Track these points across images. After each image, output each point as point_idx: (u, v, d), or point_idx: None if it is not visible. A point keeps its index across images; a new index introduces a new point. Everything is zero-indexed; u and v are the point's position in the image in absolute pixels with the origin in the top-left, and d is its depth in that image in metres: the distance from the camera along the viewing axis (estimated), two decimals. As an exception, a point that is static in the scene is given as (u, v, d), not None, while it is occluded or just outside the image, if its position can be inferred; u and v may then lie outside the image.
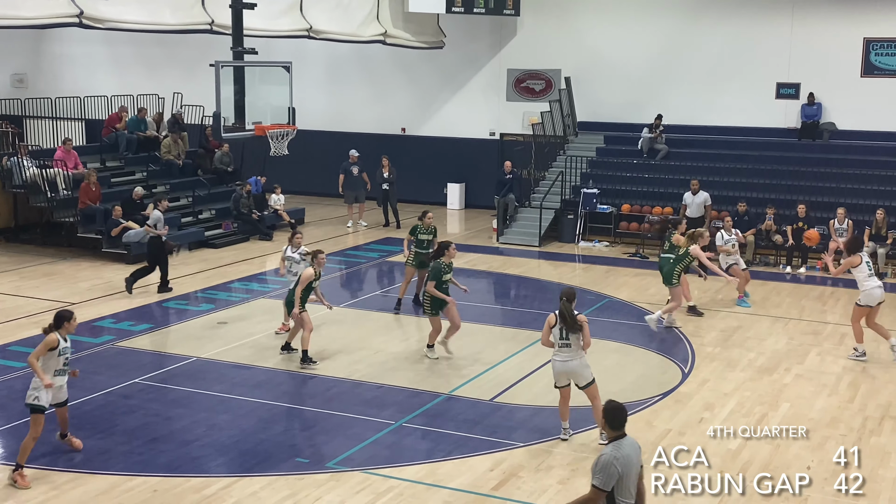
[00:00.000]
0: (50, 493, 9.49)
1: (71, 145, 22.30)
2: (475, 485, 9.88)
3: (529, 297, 18.42)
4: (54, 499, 9.41)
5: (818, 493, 9.80)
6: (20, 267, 19.50)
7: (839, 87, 23.86)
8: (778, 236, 20.66)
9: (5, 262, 19.85)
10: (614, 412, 7.01)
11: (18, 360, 13.59)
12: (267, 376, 13.04)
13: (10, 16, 18.37)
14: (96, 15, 19.49)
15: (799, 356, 14.37)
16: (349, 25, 25.10)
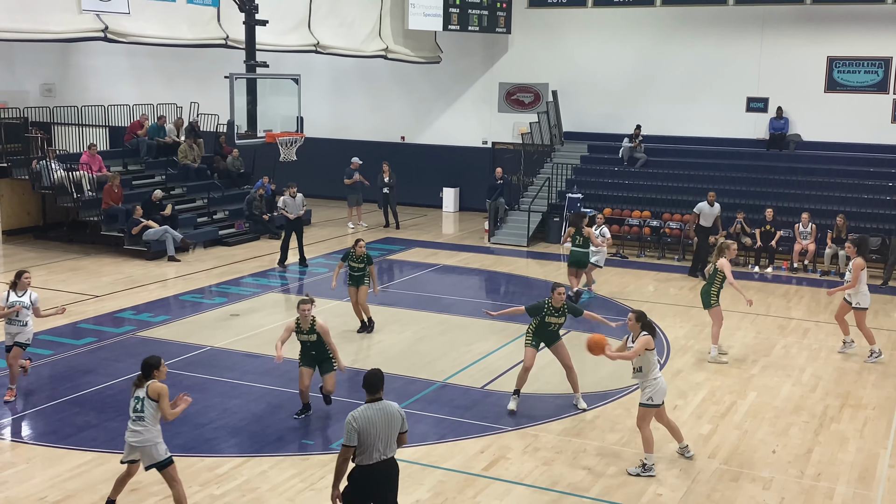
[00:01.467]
0: (74, 472, 9.50)
1: (95, 150, 22.29)
2: (467, 465, 9.91)
3: (518, 293, 18.43)
4: (77, 477, 9.41)
5: (782, 475, 9.84)
6: (48, 262, 19.48)
7: (805, 102, 23.92)
8: (747, 238, 20.72)
9: (34, 258, 19.83)
10: (372, 378, 7.34)
11: (46, 348, 13.60)
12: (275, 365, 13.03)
13: (40, 30, 18.36)
14: (120, 30, 19.49)
15: (766, 349, 14.42)
16: (353, 41, 25.11)
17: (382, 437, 7.18)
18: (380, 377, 7.37)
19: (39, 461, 9.79)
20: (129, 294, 16.98)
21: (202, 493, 9.07)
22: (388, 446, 7.24)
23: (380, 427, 7.17)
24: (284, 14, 22.74)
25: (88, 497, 8.97)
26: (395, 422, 7.27)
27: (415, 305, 16.69)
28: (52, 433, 10.55)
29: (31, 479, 9.37)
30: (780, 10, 23.88)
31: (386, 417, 7.21)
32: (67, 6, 18.40)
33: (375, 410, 7.22)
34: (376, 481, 7.25)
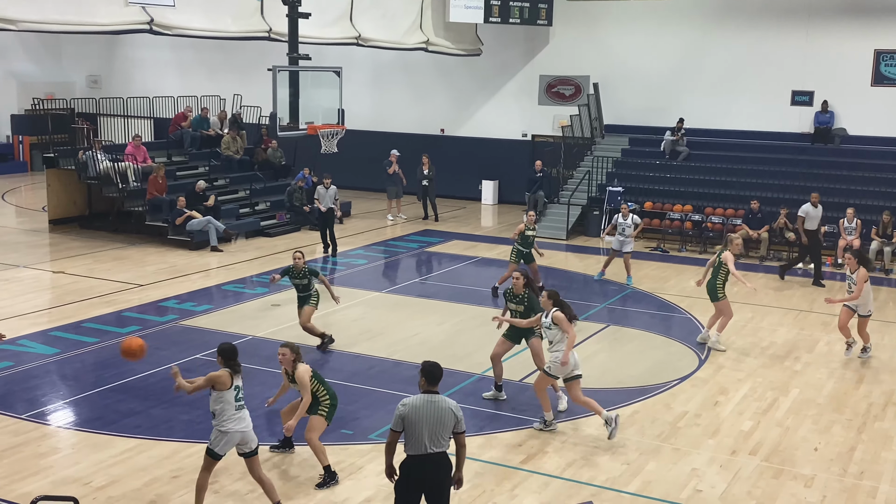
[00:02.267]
0: (118, 458, 9.62)
1: (140, 141, 22.54)
2: (504, 458, 9.89)
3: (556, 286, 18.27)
4: (121, 463, 9.53)
5: (824, 473, 9.71)
6: (93, 251, 19.75)
7: (850, 96, 23.55)
8: (790, 234, 20.45)
9: (80, 247, 20.12)
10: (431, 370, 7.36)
11: (91, 335, 13.80)
12: (315, 355, 13.12)
13: (87, 22, 18.59)
14: (165, 22, 19.68)
15: (808, 345, 14.23)
16: (394, 34, 25.13)
17: (430, 431, 7.15)
18: (440, 370, 7.38)
19: (84, 447, 9.94)
20: (173, 283, 17.16)
21: (244, 481, 9.15)
22: (437, 441, 7.18)
23: (427, 419, 7.15)
24: (327, 7, 22.82)
25: (132, 482, 9.09)
26: (447, 418, 7.20)
27: (453, 298, 16.69)
28: (97, 419, 10.69)
29: (77, 464, 9.51)
30: (827, 2, 23.50)
31: (436, 412, 7.18)
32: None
33: (426, 402, 7.22)
34: (424, 474, 7.23)
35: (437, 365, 7.42)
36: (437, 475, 7.28)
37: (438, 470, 7.26)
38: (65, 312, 15.08)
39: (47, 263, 18.75)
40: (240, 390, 8.24)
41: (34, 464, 9.48)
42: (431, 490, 7.30)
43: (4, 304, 15.49)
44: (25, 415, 10.75)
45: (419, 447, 7.18)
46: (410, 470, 7.24)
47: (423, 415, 7.16)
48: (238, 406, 8.22)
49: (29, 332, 13.92)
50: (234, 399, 8.19)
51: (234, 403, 8.19)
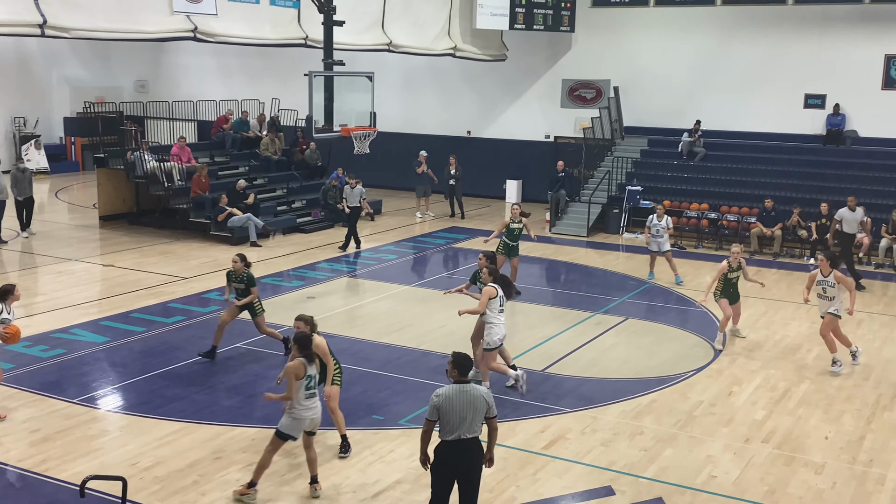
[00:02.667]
0: (164, 440, 9.71)
1: (185, 142, 22.71)
2: (528, 444, 9.89)
3: (577, 281, 18.31)
4: (167, 445, 9.62)
5: (835, 460, 9.63)
6: (140, 246, 19.92)
7: (862, 99, 23.26)
8: (803, 231, 20.26)
9: (128, 242, 20.31)
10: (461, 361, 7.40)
11: (139, 325, 13.93)
12: (348, 344, 13.18)
13: (135, 30, 18.76)
14: (208, 30, 19.82)
15: (819, 339, 14.04)
16: (423, 40, 25.14)
17: (463, 418, 7.20)
18: (470, 361, 7.47)
19: (132, 430, 10.04)
20: (215, 276, 17.27)
21: (281, 462, 9.21)
22: (470, 427, 7.24)
23: (460, 407, 7.21)
24: (360, 15, 22.87)
25: (176, 463, 9.18)
26: (479, 405, 7.27)
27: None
28: (144, 404, 10.80)
29: (125, 445, 9.62)
30: (839, 10, 23.22)
31: (468, 399, 7.24)
32: (160, 8, 18.77)
33: (458, 391, 7.27)
34: (458, 459, 7.27)
35: (467, 356, 7.48)
36: (470, 460, 7.33)
37: (471, 455, 7.31)
38: (114, 303, 15.23)
39: (98, 257, 18.95)
40: (312, 379, 8.34)
41: (85, 445, 9.59)
42: (465, 473, 7.34)
43: (58, 295, 15.68)
44: (77, 399, 10.88)
45: (452, 433, 7.23)
46: (446, 455, 7.29)
47: (456, 404, 7.22)
48: (309, 394, 8.32)
49: (80, 321, 14.08)
50: (305, 388, 8.29)
51: (304, 392, 8.29)
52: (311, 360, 8.36)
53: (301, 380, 8.22)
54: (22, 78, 31.62)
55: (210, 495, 8.56)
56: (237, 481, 8.80)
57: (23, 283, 16.45)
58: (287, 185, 23.58)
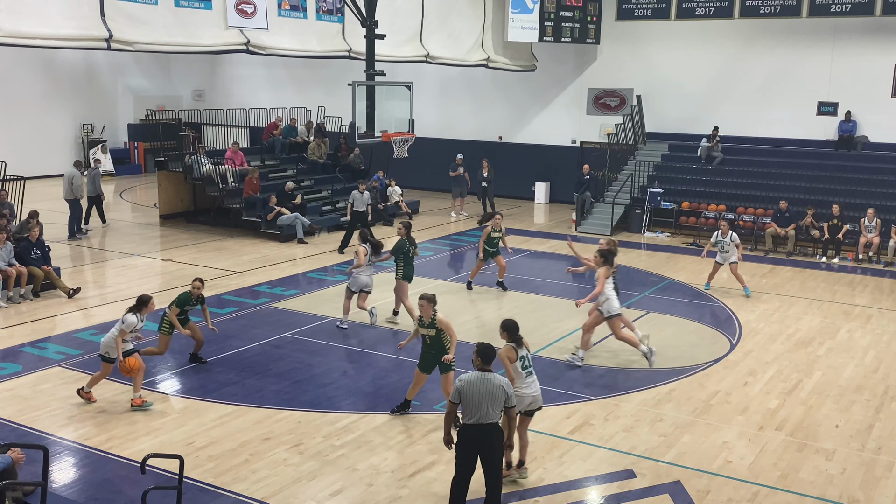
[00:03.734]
0: (217, 422, 9.80)
1: (238, 147, 22.87)
2: (554, 429, 9.85)
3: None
4: (221, 426, 9.71)
5: (844, 448, 9.48)
6: (197, 242, 20.12)
7: (872, 106, 22.84)
8: (816, 231, 19.96)
9: (186, 239, 20.52)
10: (485, 350, 7.48)
11: (196, 315, 13.99)
12: (388, 335, 13.21)
13: (192, 44, 18.93)
14: (260, 44, 19.95)
15: (831, 333, 13.87)
16: (458, 52, 25.11)
17: (481, 404, 7.23)
18: (493, 351, 7.52)
19: (188, 412, 10.15)
20: (265, 271, 17.40)
21: (325, 443, 9.26)
22: (488, 414, 7.26)
23: (480, 394, 7.24)
24: (400, 29, 22.91)
25: (229, 444, 9.26)
26: (497, 394, 7.30)
27: (510, 286, 16.63)
28: (199, 388, 10.90)
29: (182, 426, 9.72)
30: (851, 22, 22.81)
31: (488, 387, 7.28)
32: (216, 23, 18.92)
33: (479, 378, 7.33)
34: (478, 441, 7.32)
35: (490, 346, 7.50)
36: (490, 442, 7.35)
37: (490, 438, 7.34)
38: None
39: (158, 252, 19.17)
40: (525, 359, 8.47)
41: (146, 426, 9.71)
42: (484, 454, 7.37)
43: (122, 287, 15.88)
44: (139, 383, 11.00)
45: (472, 417, 7.27)
46: (467, 436, 7.33)
47: (476, 390, 7.26)
48: (527, 373, 8.47)
49: (142, 311, 14.21)
50: (522, 367, 8.44)
51: (521, 371, 8.43)
52: (519, 342, 8.47)
53: (514, 361, 8.40)
54: (90, 87, 32.09)
55: (259, 473, 8.62)
56: (284, 461, 8.86)
57: (91, 276, 16.72)
58: (332, 187, 23.66)
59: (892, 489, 8.55)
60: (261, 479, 8.49)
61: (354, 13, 20.95)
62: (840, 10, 22.55)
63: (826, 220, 20.00)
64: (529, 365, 8.50)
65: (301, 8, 20.92)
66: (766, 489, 8.48)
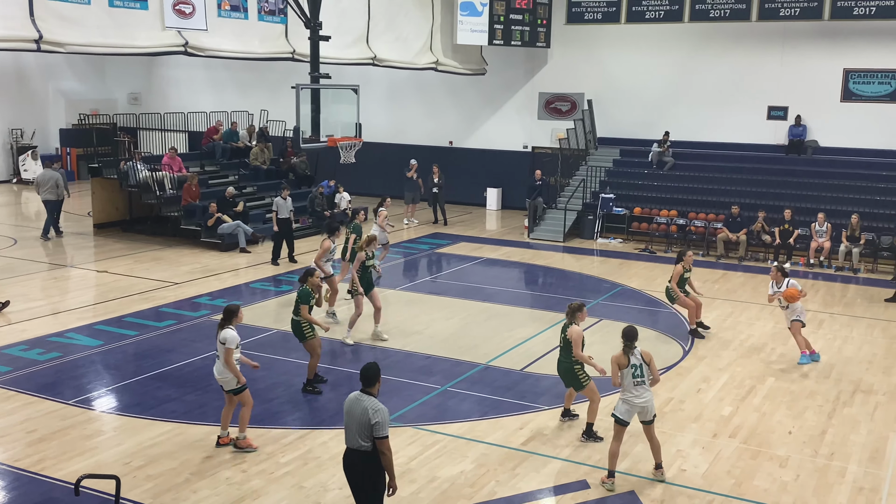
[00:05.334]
0: (156, 440, 9.63)
1: (176, 152, 22.57)
2: (507, 440, 9.89)
3: (555, 284, 18.34)
4: (158, 445, 9.55)
5: (798, 454, 9.69)
6: (133, 252, 19.79)
7: (822, 111, 23.46)
8: (767, 236, 20.40)
9: (121, 249, 20.17)
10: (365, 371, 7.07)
11: (132, 328, 13.83)
12: (335, 347, 13.14)
13: (127, 45, 18.67)
14: (199, 45, 19.74)
15: (783, 338, 14.16)
16: (407, 55, 25.15)
17: (353, 428, 6.95)
18: (371, 372, 7.04)
19: (125, 430, 9.96)
20: (205, 281, 17.19)
21: (270, 461, 9.17)
22: (355, 438, 6.92)
23: (349, 416, 6.98)
24: (345, 30, 22.87)
25: (169, 462, 9.11)
26: (362, 419, 6.86)
27: (461, 295, 16.69)
28: (137, 405, 10.72)
29: (119, 445, 9.54)
30: (800, 26, 23.41)
31: (356, 410, 6.93)
32: (152, 23, 18.69)
33: (354, 401, 7.00)
34: (348, 465, 7.06)
35: (369, 367, 7.09)
36: (357, 470, 6.97)
37: (359, 466, 6.96)
38: (108, 308, 15.12)
39: (92, 263, 18.81)
40: (637, 368, 8.72)
41: (80, 445, 9.51)
42: (355, 483, 7.05)
43: (54, 300, 15.55)
44: (72, 401, 10.79)
45: (346, 440, 7.05)
46: (344, 461, 7.12)
47: (348, 411, 7.01)
48: (637, 382, 8.71)
49: (76, 325, 13.95)
50: (632, 376, 8.71)
51: (631, 380, 8.71)
52: (631, 350, 8.72)
53: (626, 368, 8.69)
54: (20, 91, 31.37)
55: (201, 493, 8.50)
56: (227, 480, 8.75)
57: (21, 288, 16.32)
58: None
59: (845, 495, 8.77)
60: (203, 500, 8.37)
61: (298, 14, 20.85)
62: (789, 13, 23.15)
63: (777, 224, 20.46)
64: (641, 375, 8.74)
65: (242, 8, 20.78)
66: (720, 497, 8.63)
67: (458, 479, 8.87)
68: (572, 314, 10.01)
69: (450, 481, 8.83)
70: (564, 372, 10.04)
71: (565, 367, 10.00)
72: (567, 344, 9.93)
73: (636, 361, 8.74)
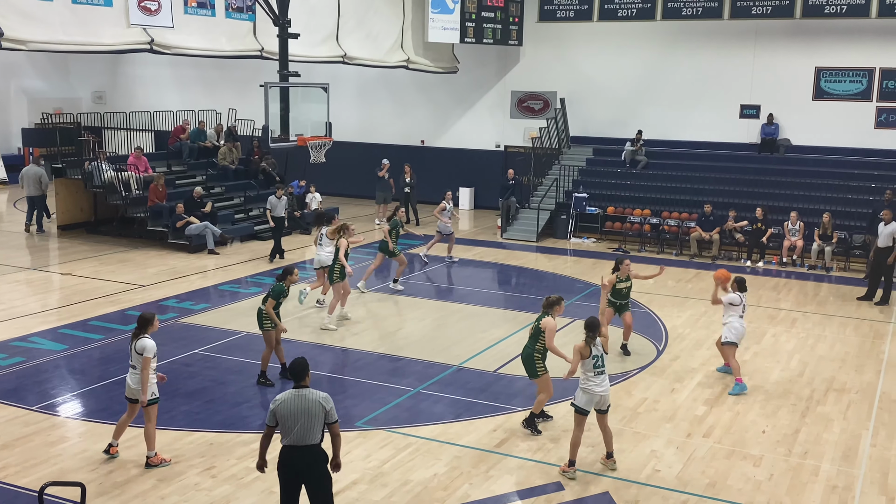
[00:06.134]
0: (122, 446, 9.52)
1: (142, 152, 22.38)
2: (480, 442, 9.91)
3: (528, 284, 18.41)
4: (125, 451, 9.44)
5: (771, 453, 9.80)
6: (98, 255, 19.60)
7: (794, 109, 23.76)
8: (740, 235, 20.61)
9: (86, 251, 19.96)
10: (294, 367, 7.20)
11: (97, 332, 13.69)
12: (306, 348, 13.08)
13: (92, 42, 18.47)
14: (165, 42, 19.58)
15: (756, 337, 14.33)
16: (377, 53, 25.11)
17: (300, 424, 7.01)
18: (303, 367, 7.19)
19: (91, 436, 9.86)
20: (173, 284, 17.06)
21: (239, 466, 9.12)
22: (307, 434, 7.02)
23: (294, 413, 7.02)
24: (315, 28, 22.79)
25: (135, 469, 9.03)
26: (315, 411, 7.02)
27: (434, 296, 16.70)
28: (103, 410, 10.61)
29: (84, 451, 9.43)
30: (772, 24, 23.70)
31: (304, 405, 7.02)
32: (117, 21, 18.51)
33: (294, 396, 7.08)
34: (299, 464, 7.09)
35: (299, 362, 7.22)
36: (311, 465, 7.10)
37: (311, 460, 7.09)
38: (72, 311, 14.95)
39: (56, 266, 18.60)
40: (598, 359, 9.01)
41: (44, 452, 9.40)
42: (309, 480, 7.14)
43: (17, 303, 15.35)
44: (36, 406, 10.66)
45: (291, 439, 7.06)
46: (286, 459, 7.11)
47: (292, 409, 7.02)
48: (598, 372, 9.02)
49: (39, 329, 13.79)
50: (594, 366, 9.00)
51: (593, 370, 8.99)
52: (594, 340, 9.03)
53: (587, 358, 8.99)
54: (-21, 89, 30.92)
55: (169, 499, 8.43)
56: (196, 486, 8.69)
57: (-20, 292, 16.10)
58: (244, 194, 23.34)
59: (818, 494, 8.88)
60: (170, 506, 8.31)
61: (266, 11, 20.75)
62: (761, 12, 23.41)
63: (750, 223, 20.67)
64: (602, 365, 9.04)
65: (209, 5, 20.64)
66: (695, 497, 8.70)
67: (430, 483, 8.87)
68: (550, 307, 10.15)
69: (422, 484, 8.83)
70: (525, 357, 10.25)
71: (527, 352, 10.20)
72: (537, 332, 10.10)
73: (598, 352, 9.01)
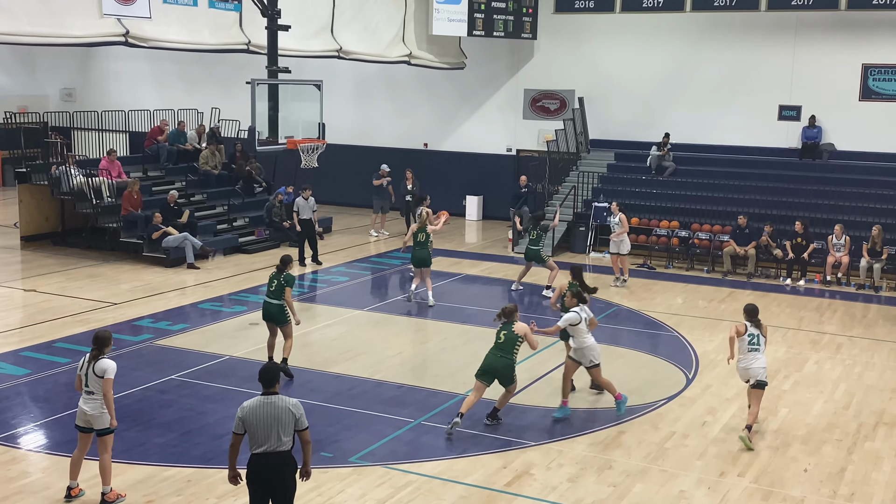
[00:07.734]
0: (90, 483, 9.47)
1: (115, 156, 22.43)
2: (489, 481, 9.85)
3: (542, 304, 18.36)
4: (93, 488, 9.39)
5: (814, 494, 9.73)
6: (66, 269, 19.61)
7: (838, 110, 23.72)
8: (778, 251, 20.55)
9: (52, 264, 19.98)
10: (264, 373, 7.69)
11: (64, 355, 13.68)
12: (295, 374, 13.05)
13: (60, 34, 18.53)
14: (141, 34, 19.64)
15: (797, 364, 14.27)
16: (376, 47, 25.17)
17: (268, 431, 7.47)
18: (273, 373, 7.69)
19: (56, 471, 9.82)
20: (148, 301, 17.06)
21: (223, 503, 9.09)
22: (277, 440, 7.47)
23: (263, 420, 7.47)
24: (307, 19, 22.85)
25: (104, 508, 9.00)
26: (285, 418, 7.50)
27: (437, 316, 16.66)
28: (69, 442, 10.51)
29: (48, 488, 9.40)
30: (814, 17, 23.69)
31: (273, 412, 7.49)
32: (89, 10, 18.56)
33: (262, 404, 7.52)
34: (268, 471, 7.51)
35: (268, 368, 7.80)
36: (280, 473, 7.54)
37: (280, 468, 7.53)
38: (36, 332, 14.95)
39: (18, 281, 18.61)
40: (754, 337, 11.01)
41: (3, 489, 9.37)
42: (276, 488, 7.57)
43: (-26, 323, 15.37)
44: (-6, 438, 10.65)
45: (260, 446, 7.49)
46: (255, 468, 7.52)
47: (261, 416, 7.48)
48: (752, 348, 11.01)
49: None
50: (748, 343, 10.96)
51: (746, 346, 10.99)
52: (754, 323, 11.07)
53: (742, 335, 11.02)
54: (-64, 85, 31.07)
55: (141, 542, 8.39)
56: (171, 526, 8.65)
57: (-65, 310, 16.11)
58: (228, 202, 23.36)
59: (866, 539, 8.81)
60: (143, 550, 8.27)
61: (254, 0, 20.83)
62: (802, 3, 23.40)
63: (790, 237, 20.60)
64: (757, 343, 10.82)
65: (191, -7, 20.70)
66: (728, 544, 8.64)
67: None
68: (510, 315, 11.24)
69: (424, 528, 8.79)
70: (504, 367, 11.12)
71: (505, 363, 11.11)
72: (512, 341, 11.12)
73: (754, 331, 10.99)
